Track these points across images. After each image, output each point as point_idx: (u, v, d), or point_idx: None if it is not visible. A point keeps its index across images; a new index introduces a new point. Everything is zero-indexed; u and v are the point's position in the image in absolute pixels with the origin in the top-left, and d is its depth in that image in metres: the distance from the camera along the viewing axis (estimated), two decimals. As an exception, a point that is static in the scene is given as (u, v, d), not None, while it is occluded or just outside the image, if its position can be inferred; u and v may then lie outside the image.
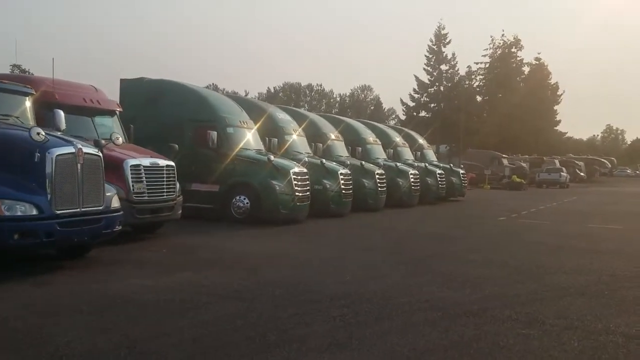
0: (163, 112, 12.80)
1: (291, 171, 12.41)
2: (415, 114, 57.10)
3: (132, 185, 8.60)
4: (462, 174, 24.47)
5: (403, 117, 59.31)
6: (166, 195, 9.28)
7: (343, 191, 14.83)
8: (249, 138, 13.34)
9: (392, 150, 21.73)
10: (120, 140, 8.14)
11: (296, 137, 15.73)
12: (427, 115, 56.23)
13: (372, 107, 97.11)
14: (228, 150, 12.45)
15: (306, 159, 14.48)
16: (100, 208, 6.78)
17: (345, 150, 18.41)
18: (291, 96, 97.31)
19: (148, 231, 9.75)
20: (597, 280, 7.12)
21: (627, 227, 14.05)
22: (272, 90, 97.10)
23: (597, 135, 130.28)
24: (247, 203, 12.14)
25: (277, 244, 9.68)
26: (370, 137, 20.77)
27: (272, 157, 12.31)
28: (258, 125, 14.23)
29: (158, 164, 9.17)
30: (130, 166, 8.63)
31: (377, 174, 17.33)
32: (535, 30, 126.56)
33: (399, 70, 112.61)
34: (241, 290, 6.01)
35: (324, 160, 14.83)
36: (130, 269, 6.99)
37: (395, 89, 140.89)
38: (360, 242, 10.41)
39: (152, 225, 9.63)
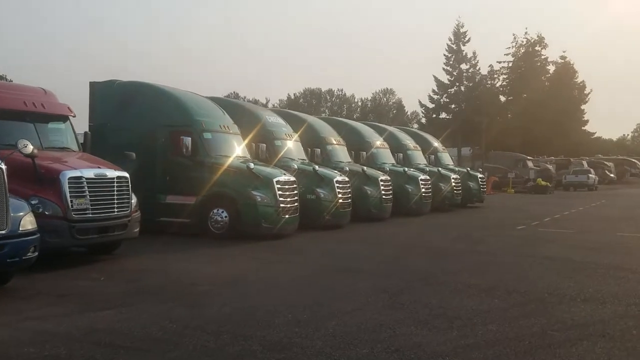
0: (135, 117, 11.70)
1: (275, 180, 11.11)
2: (434, 115, 55.36)
3: (71, 201, 7.42)
4: (480, 178, 22.82)
5: (423, 120, 57.70)
6: (117, 212, 8.07)
7: (340, 200, 13.48)
8: (232, 144, 12.12)
9: (401, 155, 20.29)
10: (30, 148, 6.95)
11: (289, 143, 14.46)
12: (448, 117, 54.40)
13: (394, 111, 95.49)
14: (205, 158, 11.22)
15: (296, 166, 13.18)
16: (3, 232, 5.59)
17: (347, 156, 17.05)
18: (312, 102, 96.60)
19: (105, 252, 8.61)
20: (624, 313, 5.62)
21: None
22: (293, 97, 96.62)
23: (628, 134, 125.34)
24: (225, 217, 10.88)
25: (245, 266, 8.37)
26: (377, 140, 19.35)
27: (252, 165, 11.03)
28: (252, 131, 13.13)
29: (106, 176, 7.97)
30: (69, 179, 7.44)
31: (382, 180, 15.93)
32: (561, 27, 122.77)
33: (420, 71, 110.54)
34: (160, 338, 4.73)
35: (317, 167, 13.51)
36: (43, 304, 5.79)
37: (418, 91, 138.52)
38: (345, 262, 9.04)
39: (105, 245, 8.44)
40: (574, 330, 5.04)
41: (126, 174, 8.32)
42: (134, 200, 8.48)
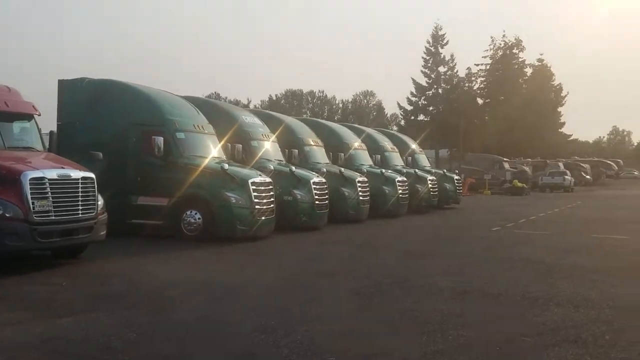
0: (105, 116, 11.39)
1: (250, 181, 10.90)
2: (413, 117, 55.65)
3: (33, 203, 7.12)
4: (456, 179, 22.94)
5: (402, 122, 57.95)
6: (82, 214, 7.78)
7: (317, 202, 13.34)
8: (207, 144, 11.89)
9: (379, 156, 20.24)
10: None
11: (266, 143, 14.27)
12: (426, 119, 54.73)
13: (374, 113, 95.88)
14: (178, 158, 10.97)
15: (272, 166, 12.99)
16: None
17: (325, 157, 16.93)
18: (293, 103, 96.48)
19: (70, 255, 8.31)
20: (596, 317, 5.56)
21: (635, 237, 12.47)
22: (274, 98, 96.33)
23: (603, 137, 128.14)
24: (199, 219, 10.63)
25: (217, 269, 8.17)
26: (355, 142, 19.27)
27: (226, 166, 10.81)
28: (228, 131, 12.90)
29: (69, 177, 7.67)
30: (30, 179, 7.13)
31: (359, 182, 15.84)
32: (538, 31, 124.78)
33: (398, 74, 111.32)
34: (119, 348, 4.48)
35: (293, 168, 13.34)
36: (0, 310, 5.51)
37: (396, 93, 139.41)
38: (320, 264, 8.88)
39: (70, 249, 8.14)
40: (546, 336, 4.96)
41: (92, 175, 8.04)
42: (100, 201, 8.20)
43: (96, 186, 8.07)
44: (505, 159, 42.74)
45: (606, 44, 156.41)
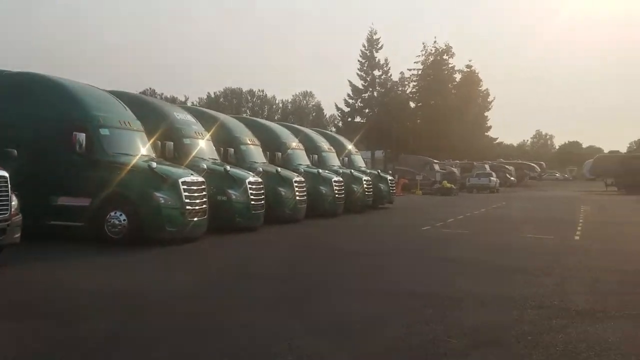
0: (25, 110, 10.54)
1: (180, 180, 10.49)
2: (350, 119, 56.42)
3: None
4: (390, 180, 23.38)
5: (340, 123, 58.57)
6: (-8, 215, 7.16)
7: (252, 202, 13.09)
8: (134, 141, 11.33)
9: (316, 156, 20.25)
10: None
11: (200, 141, 13.83)
12: (362, 121, 55.65)
13: (313, 114, 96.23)
14: (101, 156, 10.37)
15: (205, 165, 12.60)
16: None
17: (261, 156, 16.68)
18: (232, 101, 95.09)
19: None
20: (519, 317, 5.69)
21: (557, 237, 13.13)
22: (213, 95, 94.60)
23: (527, 140, 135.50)
24: (124, 220, 10.08)
25: (140, 274, 7.77)
26: (292, 141, 19.16)
27: (154, 164, 10.34)
28: (158, 128, 12.38)
29: (-22, 175, 7.03)
30: None
31: (296, 181, 15.74)
32: (467, 37, 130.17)
33: (337, 76, 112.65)
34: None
35: (228, 167, 13.02)
36: None
37: (335, 95, 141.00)
38: (252, 267, 8.66)
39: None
40: (470, 337, 4.99)
41: (5, 173, 7.40)
42: (14, 202, 7.57)
43: (9, 186, 7.43)
44: (435, 161, 44.15)
45: (530, 51, 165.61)
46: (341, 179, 18.57)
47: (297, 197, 15.57)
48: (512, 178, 53.48)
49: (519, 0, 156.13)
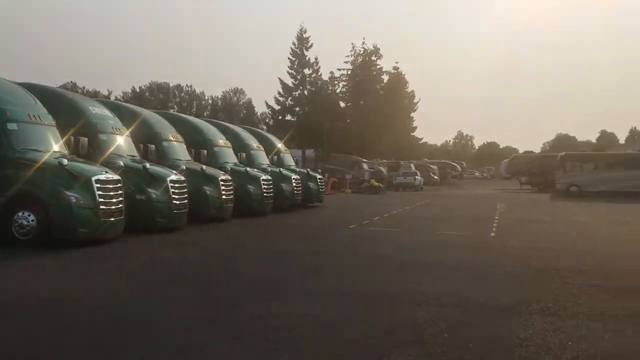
0: None
1: (93, 178, 9.91)
2: (280, 117, 56.23)
3: None
4: (319, 178, 23.48)
5: (270, 121, 58.28)
6: None
7: (174, 201, 12.63)
8: (45, 137, 10.59)
9: (244, 154, 19.94)
10: None
11: (118, 137, 13.15)
12: (293, 119, 55.64)
13: (244, 111, 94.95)
14: (8, 152, 9.62)
15: (122, 163, 12.00)
16: None
17: (186, 154, 16.17)
18: (159, 96, 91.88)
19: None
20: (437, 315, 5.81)
21: (474, 234, 13.69)
22: (138, 90, 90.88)
23: (450, 140, 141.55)
24: (33, 221, 9.41)
25: (48, 279, 7.24)
26: (219, 139, 18.74)
27: (65, 161, 9.70)
28: (72, 123, 11.64)
29: None
30: None
31: (222, 180, 15.41)
32: (395, 39, 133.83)
33: (268, 73, 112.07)
34: None
35: (148, 165, 12.48)
36: None
37: (266, 93, 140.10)
38: (171, 270, 8.28)
39: None
40: (390, 336, 5.01)
41: None
42: None
43: None
44: (364, 160, 44.95)
45: (454, 53, 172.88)
46: (270, 178, 18.40)
47: (224, 196, 15.24)
48: (435, 177, 55.47)
49: (444, 4, 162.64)
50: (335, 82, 60.12)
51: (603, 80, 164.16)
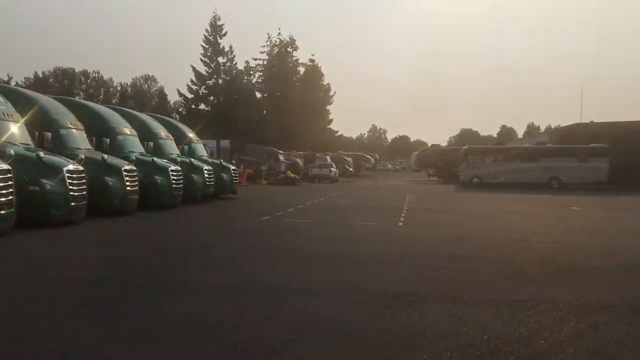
0: None
1: (-24, 168, 9.00)
2: (194, 106, 54.64)
3: None
4: (233, 170, 23.04)
5: (183, 110, 56.39)
6: None
7: (71, 193, 11.79)
8: None
9: (152, 144, 19.06)
10: None
11: (9, 124, 12.03)
12: (207, 109, 54.28)
13: (156, 99, 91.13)
14: None
15: (13, 151, 10.98)
16: None
17: (85, 142, 15.16)
18: (64, 82, 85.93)
19: None
20: (344, 305, 5.86)
21: (383, 224, 14.04)
22: (41, 75, 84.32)
23: (364, 134, 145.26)
24: None
25: None
26: (124, 127, 17.79)
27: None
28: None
29: None
30: None
31: (126, 170, 14.64)
32: (311, 31, 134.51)
33: (180, 60, 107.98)
34: None
35: (42, 154, 11.54)
36: None
37: (180, 81, 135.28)
38: (62, 268, 7.61)
39: None
40: (299, 334, 4.91)
41: None
42: None
43: None
44: (280, 151, 44.85)
45: (370, 47, 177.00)
46: (179, 168, 17.76)
47: (128, 188, 14.50)
48: (350, 169, 56.64)
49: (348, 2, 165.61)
50: (251, 72, 59.51)
51: (503, 78, 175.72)
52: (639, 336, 4.86)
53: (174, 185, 17.01)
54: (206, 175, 19.75)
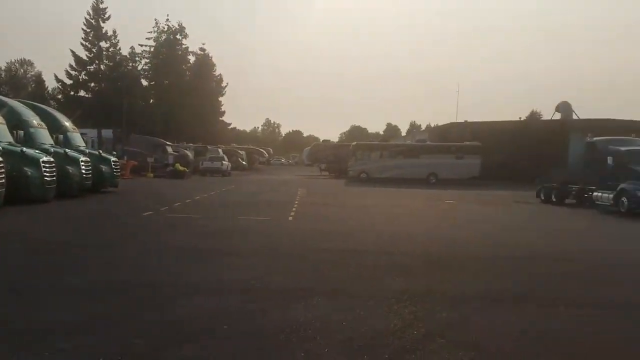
0: None
1: None
2: (73, 93, 50.59)
3: None
4: (113, 161, 21.65)
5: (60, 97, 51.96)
6: None
7: (46, 178, 10.49)
8: None
9: (22, 132, 17.25)
10: None
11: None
12: (88, 96, 50.55)
13: (32, 85, 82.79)
14: None
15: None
16: None
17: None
18: None
19: None
20: (227, 303, 5.71)
21: (274, 218, 14.01)
22: None
23: (259, 127, 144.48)
24: None
25: None
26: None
27: None
28: None
29: None
30: None
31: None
32: (203, 22, 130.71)
33: (59, 44, 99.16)
34: None
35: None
36: None
37: (59, 65, 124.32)
38: None
39: None
40: (180, 328, 4.75)
41: None
42: None
43: None
44: (168, 143, 43.08)
45: (263, 45, 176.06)
46: (52, 160, 16.31)
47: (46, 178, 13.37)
48: (243, 162, 56.00)
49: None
50: (137, 59, 56.41)
51: (390, 78, 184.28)
52: (504, 325, 5.26)
53: (46, 178, 15.58)
54: (83, 167, 18.37)
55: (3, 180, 13.53)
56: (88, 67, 50.31)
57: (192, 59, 61.65)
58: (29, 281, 6.38)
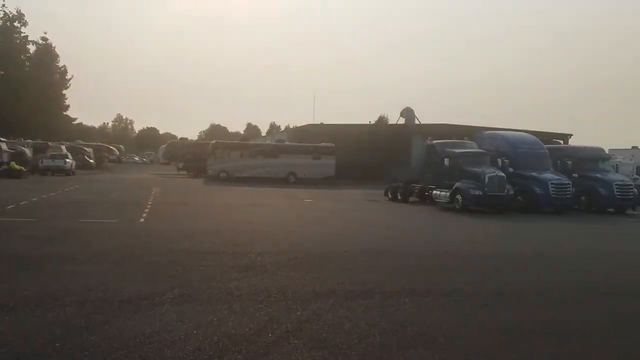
0: None
1: None
2: None
3: None
4: None
5: None
6: None
7: None
8: None
9: None
10: None
11: None
12: None
13: None
14: None
15: None
16: None
17: None
18: None
19: None
20: (57, 317, 5.11)
21: (124, 220, 13.06)
22: None
23: (109, 123, 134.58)
24: None
25: None
26: None
27: None
28: None
29: None
30: None
31: None
32: (43, 10, 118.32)
33: None
34: None
35: None
36: None
37: None
38: None
39: None
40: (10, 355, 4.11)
41: None
42: None
43: None
44: (3, 139, 38.09)
45: (116, 37, 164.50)
46: None
47: None
48: (91, 160, 51.66)
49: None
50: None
51: (251, 78, 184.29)
52: (355, 320, 5.40)
53: None
54: None
55: None
56: None
57: (32, 48, 55.48)
58: None
